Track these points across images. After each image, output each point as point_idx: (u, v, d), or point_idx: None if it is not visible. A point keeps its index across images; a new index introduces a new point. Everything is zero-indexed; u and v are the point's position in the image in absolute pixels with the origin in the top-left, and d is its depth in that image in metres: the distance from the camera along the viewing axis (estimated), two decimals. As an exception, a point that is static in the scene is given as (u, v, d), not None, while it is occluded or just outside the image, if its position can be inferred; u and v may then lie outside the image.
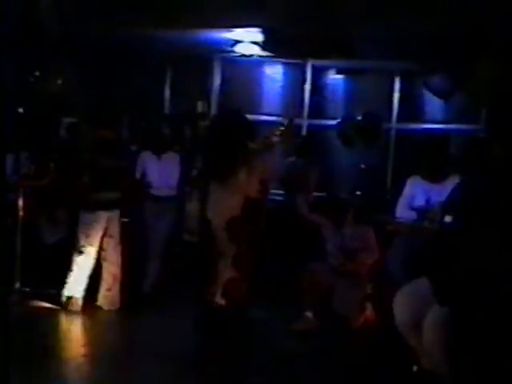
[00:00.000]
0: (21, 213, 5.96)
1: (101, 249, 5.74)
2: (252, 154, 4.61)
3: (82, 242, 5.68)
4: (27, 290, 5.94)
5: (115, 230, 5.79)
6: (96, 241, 5.70)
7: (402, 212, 4.95)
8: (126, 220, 6.19)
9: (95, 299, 5.79)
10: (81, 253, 5.68)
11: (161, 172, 6.42)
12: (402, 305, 3.64)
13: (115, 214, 5.79)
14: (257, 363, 4.73)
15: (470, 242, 2.96)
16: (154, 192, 6.37)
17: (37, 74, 8.00)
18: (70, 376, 4.34)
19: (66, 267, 5.73)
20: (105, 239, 5.74)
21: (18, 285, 5.89)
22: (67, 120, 7.77)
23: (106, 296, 5.77)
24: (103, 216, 5.71)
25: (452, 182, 4.30)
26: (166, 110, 8.62)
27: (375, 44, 6.60)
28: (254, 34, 6.70)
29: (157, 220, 6.37)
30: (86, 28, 6.67)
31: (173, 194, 6.49)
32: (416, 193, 4.91)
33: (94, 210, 5.68)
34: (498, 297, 2.80)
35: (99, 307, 5.76)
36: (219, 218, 4.54)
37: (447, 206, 3.39)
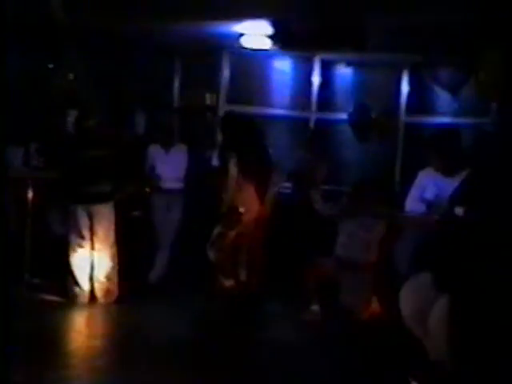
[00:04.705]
0: (30, 204, 5.99)
1: (91, 242, 5.73)
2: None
3: (73, 238, 5.70)
4: (36, 281, 5.97)
5: (101, 223, 5.72)
6: (85, 235, 5.69)
7: (412, 204, 4.92)
8: (136, 213, 6.20)
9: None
10: (74, 247, 5.70)
11: (169, 165, 6.43)
12: (408, 297, 3.63)
13: (98, 207, 5.70)
14: (263, 354, 4.75)
15: (477, 233, 2.96)
16: (162, 185, 6.39)
17: (49, 66, 8.01)
18: (76, 367, 4.36)
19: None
20: (93, 233, 5.72)
21: (27, 276, 5.92)
22: (75, 112, 7.77)
23: (100, 288, 5.77)
24: (83, 210, 5.66)
25: (464, 176, 4.26)
26: (175, 103, 8.61)
27: (384, 36, 6.57)
28: (263, 26, 6.68)
29: (165, 212, 6.38)
30: (95, 20, 6.67)
31: (181, 187, 6.50)
32: (427, 185, 4.87)
33: (74, 204, 5.68)
34: (498, 288, 2.80)
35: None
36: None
37: (455, 198, 3.37)
